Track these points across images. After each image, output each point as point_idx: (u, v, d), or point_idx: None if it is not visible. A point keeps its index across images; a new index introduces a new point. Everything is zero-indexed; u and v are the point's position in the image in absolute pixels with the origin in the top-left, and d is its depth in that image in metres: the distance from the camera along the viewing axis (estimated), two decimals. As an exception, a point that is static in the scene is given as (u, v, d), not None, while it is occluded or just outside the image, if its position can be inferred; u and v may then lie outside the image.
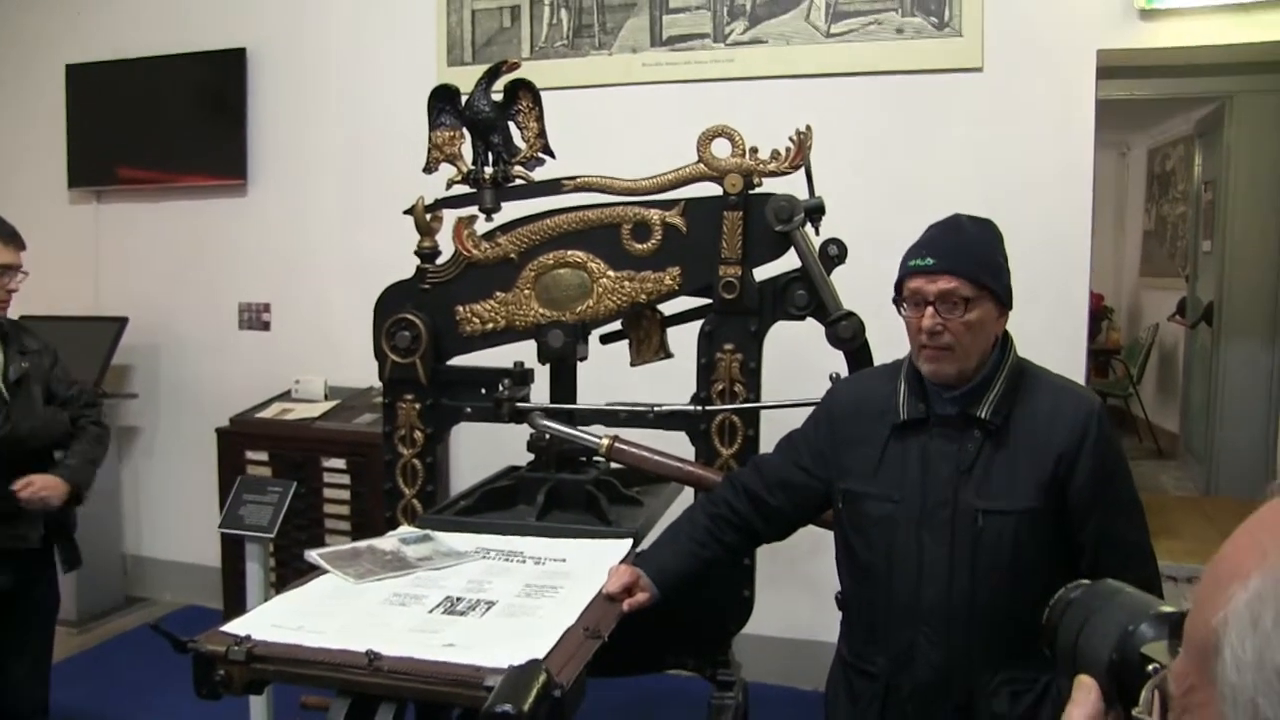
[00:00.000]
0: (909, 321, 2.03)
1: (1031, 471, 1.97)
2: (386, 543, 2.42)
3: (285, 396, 4.83)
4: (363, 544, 2.41)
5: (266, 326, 5.17)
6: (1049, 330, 3.78)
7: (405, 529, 2.61)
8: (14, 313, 5.36)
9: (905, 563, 2.03)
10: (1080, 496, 1.97)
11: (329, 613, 1.98)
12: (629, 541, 2.47)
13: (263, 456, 4.52)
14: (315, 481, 4.42)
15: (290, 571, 3.98)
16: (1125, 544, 2.00)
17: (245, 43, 5.01)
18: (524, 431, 2.83)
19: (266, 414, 4.67)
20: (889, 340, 2.30)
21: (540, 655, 1.73)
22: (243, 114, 5.04)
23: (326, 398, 4.76)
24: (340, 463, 4.38)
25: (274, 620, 1.92)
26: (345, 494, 4.39)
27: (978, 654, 1.99)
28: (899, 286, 2.05)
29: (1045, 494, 1.96)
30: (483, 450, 3.69)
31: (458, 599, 2.08)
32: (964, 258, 1.98)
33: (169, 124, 5.16)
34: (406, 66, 4.64)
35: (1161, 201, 8.90)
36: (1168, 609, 0.89)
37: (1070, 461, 1.96)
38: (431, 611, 2.01)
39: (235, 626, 1.87)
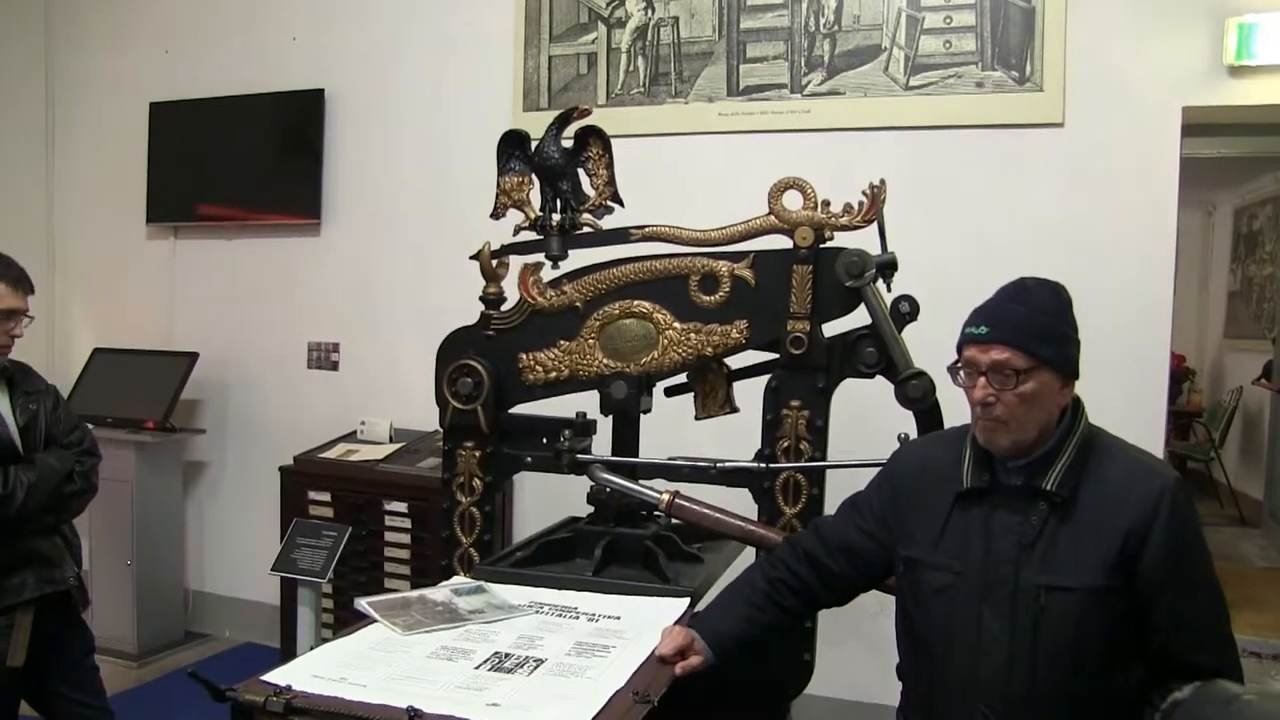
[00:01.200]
0: (965, 390, 1.96)
1: (1098, 548, 1.87)
2: (438, 593, 2.38)
3: (351, 437, 4.83)
4: (414, 594, 2.37)
5: (335, 366, 5.18)
6: (1127, 392, 3.67)
7: (458, 579, 2.57)
8: (94, 342, 5.50)
9: (963, 638, 1.94)
10: (1150, 576, 1.86)
11: (373, 664, 1.94)
12: (686, 600, 2.41)
13: (325, 497, 4.51)
14: (376, 524, 4.39)
15: (348, 615, 3.95)
16: (1200, 627, 1.89)
17: (324, 84, 5.06)
18: (587, 482, 2.78)
19: (331, 454, 4.66)
20: (963, 402, 2.22)
21: (586, 721, 1.67)
22: (319, 154, 5.08)
23: (392, 440, 4.75)
24: (402, 506, 4.34)
25: (316, 670, 1.88)
26: (406, 538, 4.35)
27: None
28: (959, 351, 1.98)
29: (1112, 572, 1.86)
30: (546, 499, 3.65)
31: (506, 655, 2.03)
32: (1021, 327, 1.91)
33: (246, 162, 5.22)
34: (482, 111, 4.65)
35: (1248, 261, 8.69)
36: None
37: (1140, 539, 1.86)
38: (479, 668, 1.96)
39: (276, 676, 1.83)
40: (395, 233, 5.01)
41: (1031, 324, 1.91)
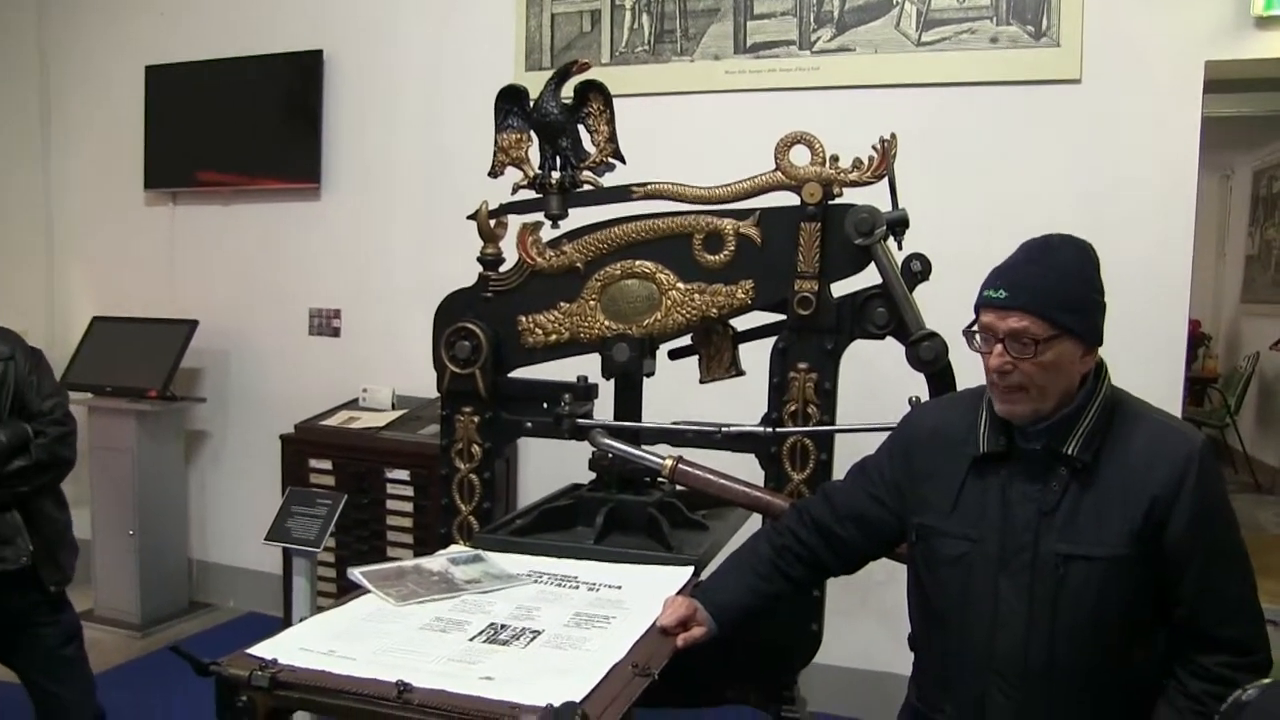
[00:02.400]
0: (982, 356, 1.85)
1: (1122, 515, 1.78)
2: (434, 562, 2.31)
3: (353, 405, 4.77)
4: (409, 563, 2.30)
5: (337, 333, 5.11)
6: (1144, 357, 3.57)
7: (456, 548, 2.50)
8: (93, 311, 5.42)
9: (979, 609, 1.86)
10: (1177, 545, 1.77)
11: (364, 637, 1.87)
12: (690, 569, 2.33)
13: (326, 465, 4.45)
14: (378, 493, 4.33)
15: (350, 585, 3.89)
16: (1227, 598, 1.80)
17: (322, 45, 4.96)
18: (590, 448, 2.70)
19: (332, 422, 4.60)
20: (976, 363, 2.13)
21: (580, 695, 1.59)
22: (318, 117, 4.99)
23: (394, 407, 4.69)
24: (404, 474, 4.28)
25: (304, 643, 1.81)
26: (408, 506, 4.29)
27: (1055, 711, 1.81)
28: (976, 313, 1.87)
29: (1136, 541, 1.77)
30: (551, 466, 3.57)
31: (502, 626, 1.96)
32: (1042, 293, 1.78)
33: (244, 126, 5.13)
34: (484, 70, 4.54)
35: (1266, 225, 8.56)
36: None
37: (1167, 506, 1.76)
38: (473, 639, 1.89)
39: (262, 649, 1.76)
40: (396, 196, 4.92)
41: (1054, 289, 1.79)
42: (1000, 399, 1.84)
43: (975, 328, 1.85)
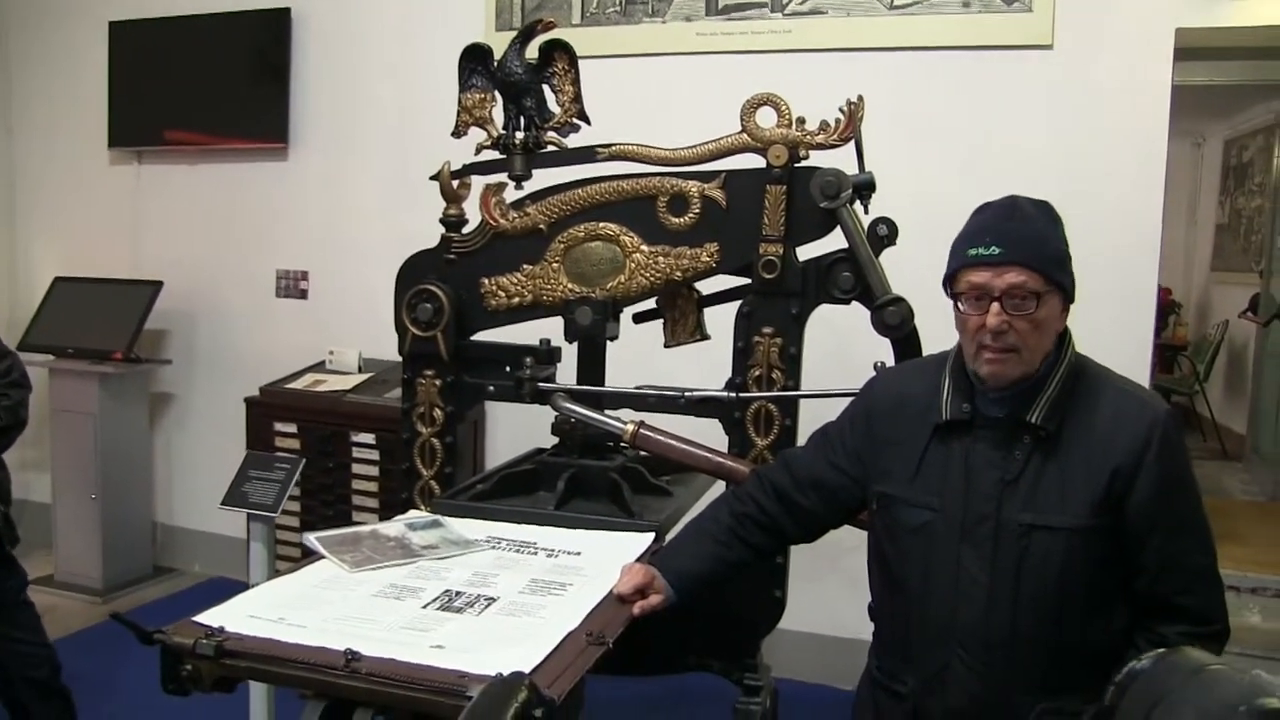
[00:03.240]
0: (966, 319, 1.79)
1: (1085, 485, 1.76)
2: (392, 528, 2.27)
3: (319, 367, 4.72)
4: (366, 528, 2.26)
5: (304, 295, 5.06)
6: (1114, 323, 3.57)
7: (414, 513, 2.47)
8: (55, 271, 5.34)
9: (941, 578, 1.83)
10: (1140, 515, 1.75)
11: (315, 604, 1.84)
12: (651, 535, 2.30)
13: (291, 429, 4.41)
14: (344, 457, 4.30)
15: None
16: (1188, 568, 1.78)
17: (290, 2, 4.88)
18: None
19: (298, 385, 4.56)
20: (944, 329, 2.10)
21: (530, 665, 1.56)
22: (285, 76, 4.92)
23: (361, 370, 4.64)
24: (369, 438, 4.25)
25: (253, 611, 1.78)
26: (374, 470, 4.27)
27: (1016, 682, 1.79)
28: (952, 279, 1.82)
29: (1099, 510, 1.75)
30: (520, 430, 3.55)
31: (457, 593, 1.93)
32: (1033, 247, 1.75)
33: (210, 84, 5.05)
34: (453, 30, 4.46)
35: (1237, 194, 8.57)
36: (1274, 704, 0.70)
37: (1129, 476, 1.74)
38: (426, 607, 1.86)
39: (210, 617, 1.72)
40: (365, 156, 4.86)
41: (1043, 244, 1.77)
42: (989, 362, 1.78)
43: (959, 290, 1.80)
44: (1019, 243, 1.75)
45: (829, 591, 3.91)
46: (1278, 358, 6.41)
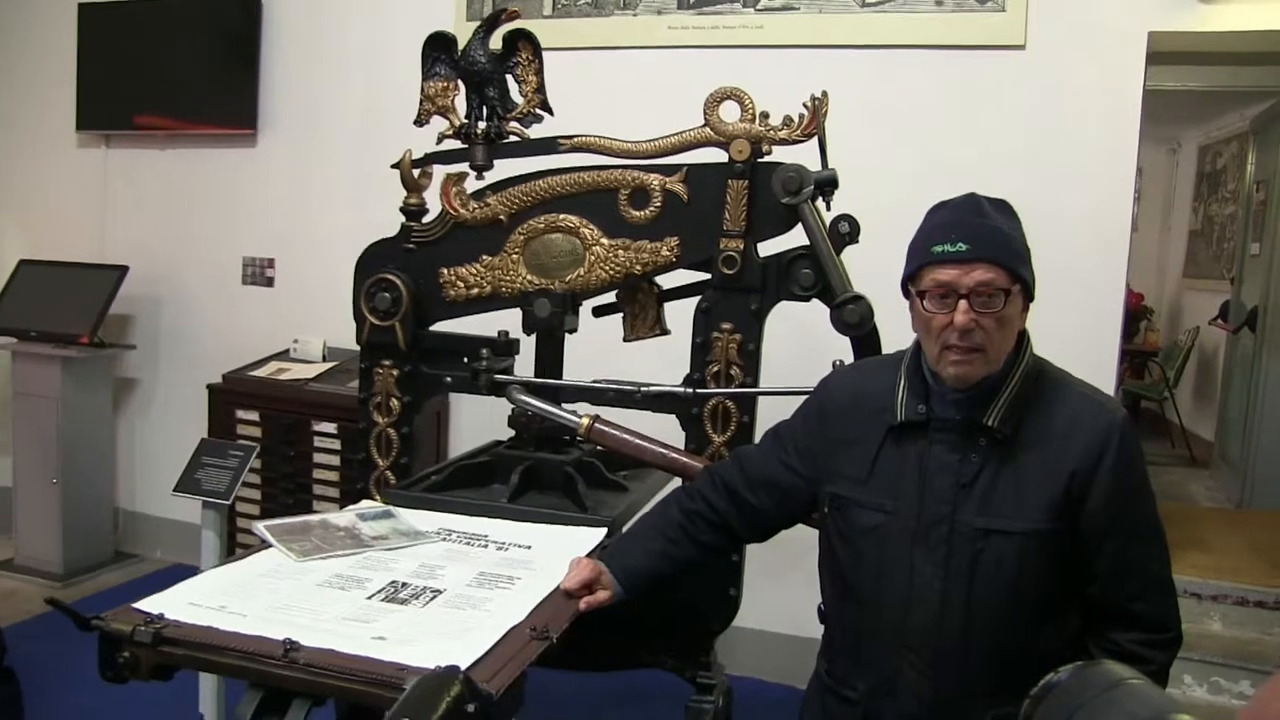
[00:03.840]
0: (930, 319, 1.75)
1: (1041, 489, 1.74)
2: (342, 518, 2.25)
3: (283, 355, 4.70)
4: (316, 518, 2.24)
5: (270, 283, 5.03)
6: (1081, 327, 3.58)
7: (365, 503, 2.44)
8: (20, 254, 5.28)
9: (894, 582, 1.81)
10: (1095, 520, 1.74)
11: (259, 593, 1.82)
12: (602, 530, 2.28)
13: (253, 416, 4.39)
14: (306, 446, 4.27)
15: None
16: (1141, 574, 1.78)
17: (262, -12, 4.84)
18: (514, 405, 2.65)
19: (261, 373, 4.53)
20: (905, 328, 2.09)
21: (471, 659, 1.55)
22: (255, 62, 4.89)
23: (325, 359, 4.62)
24: (331, 427, 4.23)
25: (195, 598, 1.75)
26: (335, 459, 4.25)
27: (968, 687, 1.78)
28: (913, 278, 1.79)
29: (1055, 515, 1.73)
30: (483, 421, 3.52)
31: (403, 585, 1.91)
32: (999, 244, 1.73)
33: (180, 69, 5.01)
34: (424, 18, 4.38)
35: (1210, 201, 8.61)
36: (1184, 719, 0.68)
37: (1085, 480, 1.73)
38: (371, 598, 1.84)
39: (150, 604, 1.70)
40: (334, 144, 4.83)
41: (1007, 240, 1.75)
42: (955, 363, 1.75)
43: (924, 288, 1.77)
44: (985, 239, 1.73)
45: (790, 590, 3.89)
46: (1247, 365, 6.43)
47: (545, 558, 2.11)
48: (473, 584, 1.95)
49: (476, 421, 4.25)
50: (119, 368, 5.25)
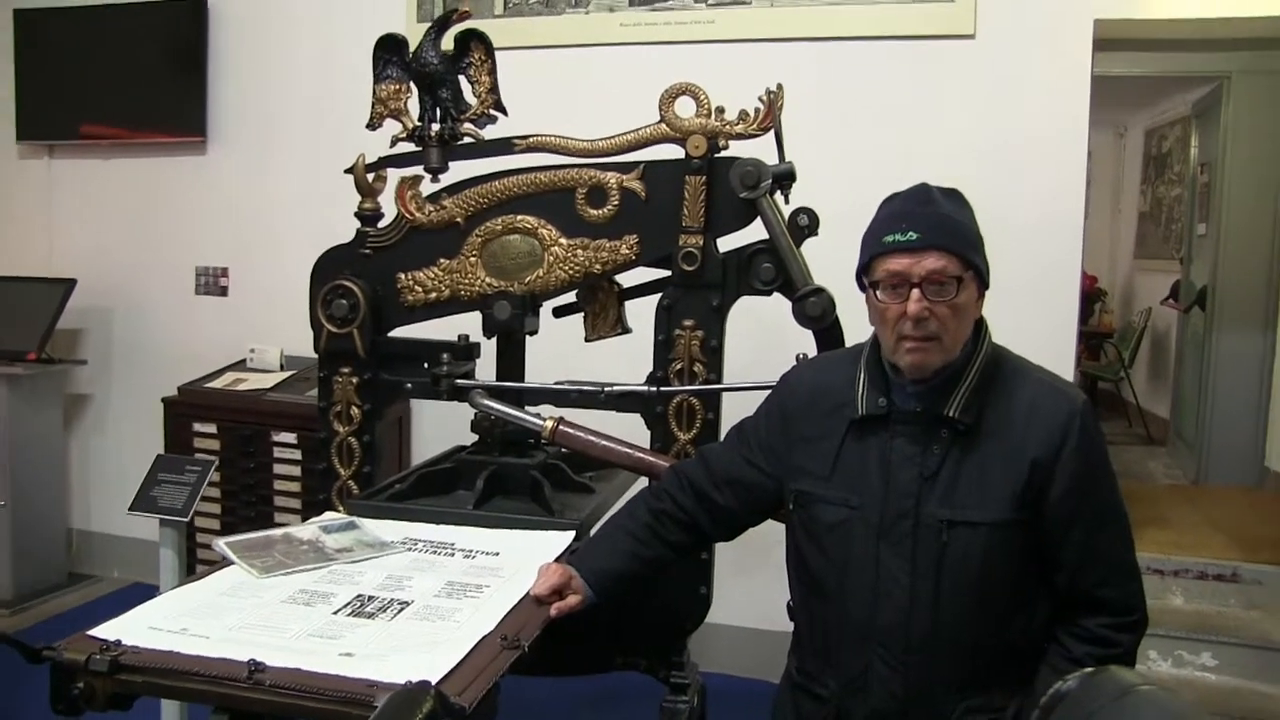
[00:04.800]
0: (884, 309, 1.75)
1: (1005, 479, 1.74)
2: (305, 530, 2.21)
3: (240, 366, 4.63)
4: (279, 531, 2.20)
5: (224, 292, 4.96)
6: (1039, 312, 3.60)
7: (329, 515, 2.40)
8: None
9: (860, 577, 1.80)
10: (1059, 507, 1.74)
11: (221, 613, 1.77)
12: (571, 534, 2.26)
13: (211, 429, 4.31)
14: (265, 457, 4.21)
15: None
16: (1108, 559, 1.78)
17: (206, -8, 4.77)
18: (476, 409, 2.62)
19: (217, 384, 4.46)
20: (866, 320, 2.08)
21: (441, 672, 1.52)
22: (203, 68, 4.82)
23: (283, 368, 4.55)
24: (291, 437, 4.17)
25: (154, 622, 1.71)
26: (296, 470, 4.18)
27: (939, 680, 1.77)
28: (867, 269, 1.80)
29: (1019, 504, 1.73)
30: (447, 427, 3.48)
31: (370, 598, 1.88)
32: (950, 232, 1.73)
33: (126, 77, 4.92)
34: (375, 20, 4.32)
35: (1157, 183, 8.70)
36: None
37: (1048, 468, 1.74)
38: (337, 613, 1.80)
39: (106, 630, 1.65)
40: (286, 150, 4.77)
41: (959, 227, 1.75)
42: (910, 352, 1.75)
43: (876, 279, 1.77)
44: (936, 227, 1.73)
45: (759, 585, 3.89)
46: (1198, 344, 6.51)
47: (514, 564, 2.08)
48: (441, 594, 1.92)
49: (438, 427, 4.20)
50: (69, 383, 5.15)
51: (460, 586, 1.96)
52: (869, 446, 1.82)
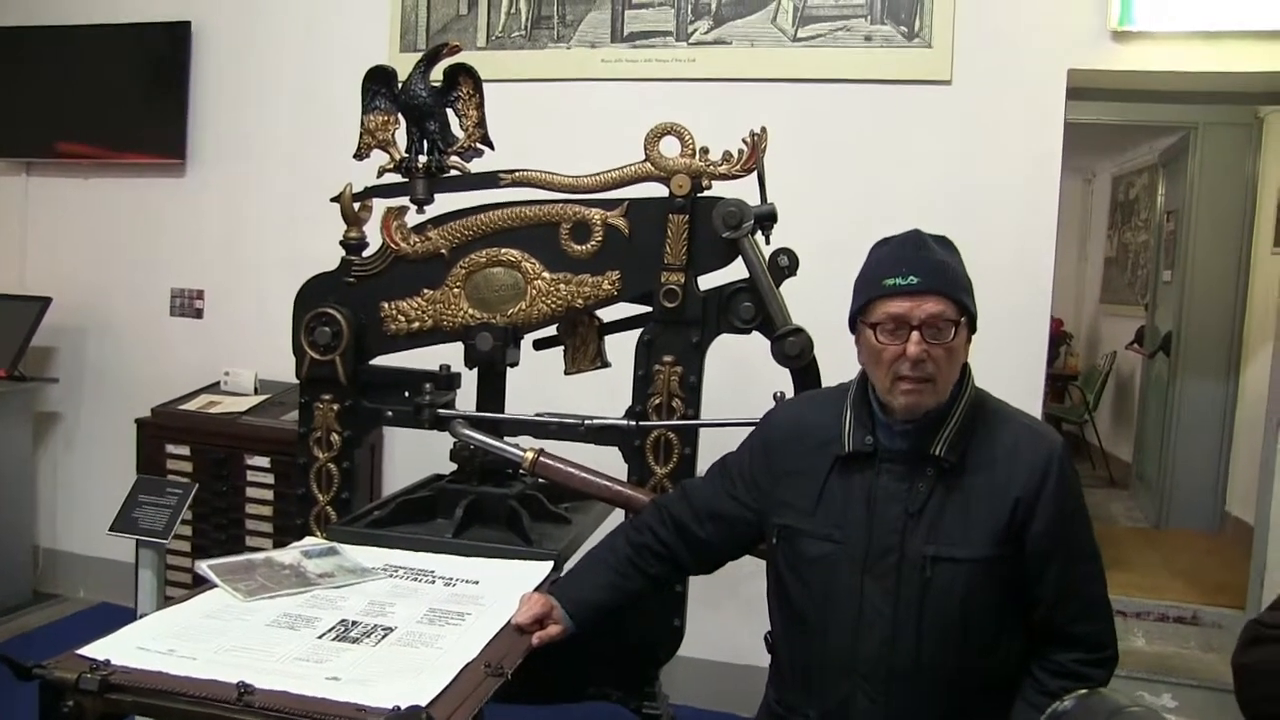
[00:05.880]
0: (881, 350, 1.81)
1: (988, 516, 1.80)
2: (287, 555, 2.23)
3: (214, 388, 4.62)
4: (260, 555, 2.21)
5: (199, 314, 4.95)
6: (1007, 354, 3.65)
7: (309, 540, 2.42)
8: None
9: (843, 610, 1.85)
10: (1039, 544, 1.80)
11: (207, 635, 1.79)
12: (549, 564, 2.29)
13: (183, 451, 4.30)
14: (238, 480, 4.21)
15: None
16: (1084, 596, 1.84)
17: (190, 16, 4.78)
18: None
19: (191, 406, 4.45)
20: (843, 360, 2.13)
21: (428, 697, 1.55)
22: (184, 91, 4.81)
23: (257, 391, 4.55)
24: (264, 461, 4.16)
25: (141, 642, 1.72)
26: (269, 494, 4.17)
27: (919, 713, 1.82)
28: (864, 310, 1.85)
29: (1002, 541, 1.79)
30: (418, 455, 3.50)
31: (353, 623, 1.90)
32: (947, 278, 1.81)
33: (106, 97, 4.91)
34: (358, 49, 4.41)
35: (1124, 229, 8.84)
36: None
37: (1029, 507, 1.80)
38: (322, 637, 1.82)
39: (95, 650, 1.67)
40: (265, 175, 4.77)
41: (954, 274, 1.83)
42: (906, 393, 1.80)
43: (875, 320, 1.82)
44: (934, 273, 1.80)
45: (727, 618, 3.93)
46: (1162, 389, 6.62)
47: (494, 592, 2.11)
48: (424, 620, 1.94)
49: (411, 454, 4.22)
50: (40, 402, 5.12)
51: (442, 614, 1.98)
52: (854, 483, 1.87)
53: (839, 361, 2.26)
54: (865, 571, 1.83)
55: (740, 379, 2.91)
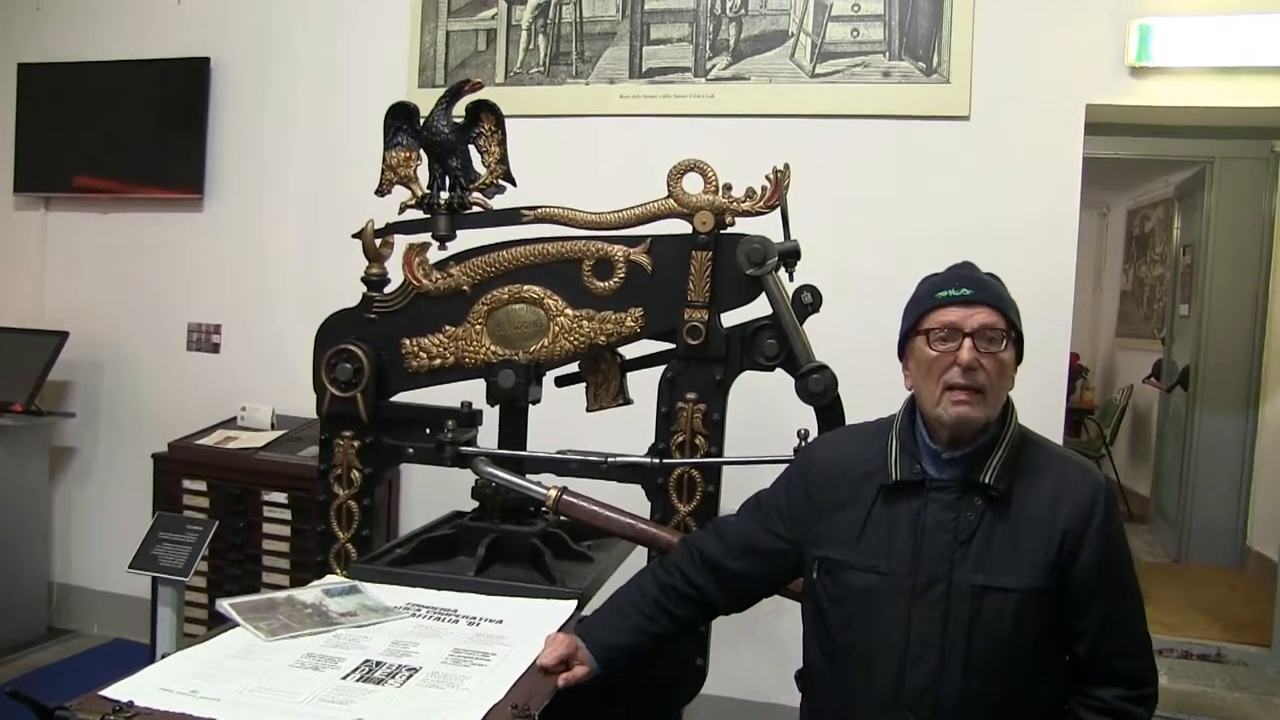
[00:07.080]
0: (935, 360, 1.83)
1: (1036, 547, 1.79)
2: (308, 594, 2.22)
3: (230, 423, 4.61)
4: (282, 594, 2.20)
5: (216, 349, 4.95)
6: (1029, 387, 3.58)
7: (331, 579, 2.41)
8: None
9: (890, 642, 1.83)
10: (1085, 579, 1.79)
11: (230, 675, 1.78)
12: (573, 603, 2.28)
13: (200, 486, 4.29)
14: (255, 516, 4.19)
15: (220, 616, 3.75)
16: (1126, 631, 1.83)
17: (210, 52, 4.82)
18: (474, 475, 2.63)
19: (207, 441, 4.44)
20: (865, 398, 2.11)
21: (456, 742, 1.53)
22: (203, 126, 4.84)
23: (274, 427, 4.54)
24: (281, 497, 4.15)
25: (164, 683, 1.71)
26: (286, 530, 4.15)
27: None
28: (917, 322, 1.88)
29: (1049, 573, 1.78)
30: (435, 491, 3.50)
31: (377, 664, 1.88)
32: (999, 294, 1.86)
33: (125, 132, 4.94)
34: (376, 85, 4.46)
35: (1140, 263, 8.83)
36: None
37: (1077, 540, 1.79)
38: (346, 678, 1.81)
39: (118, 690, 1.66)
40: (283, 210, 4.79)
41: (1005, 294, 1.88)
42: (956, 403, 1.81)
43: (928, 328, 1.85)
44: (986, 287, 1.85)
45: (746, 655, 3.90)
46: (1180, 423, 6.58)
47: (518, 632, 2.10)
48: (449, 661, 1.92)
49: (428, 491, 4.20)
50: (57, 436, 5.12)
51: (467, 654, 1.97)
52: (899, 513, 1.86)
53: (862, 399, 2.25)
54: (913, 601, 1.82)
55: (764, 416, 2.89)
